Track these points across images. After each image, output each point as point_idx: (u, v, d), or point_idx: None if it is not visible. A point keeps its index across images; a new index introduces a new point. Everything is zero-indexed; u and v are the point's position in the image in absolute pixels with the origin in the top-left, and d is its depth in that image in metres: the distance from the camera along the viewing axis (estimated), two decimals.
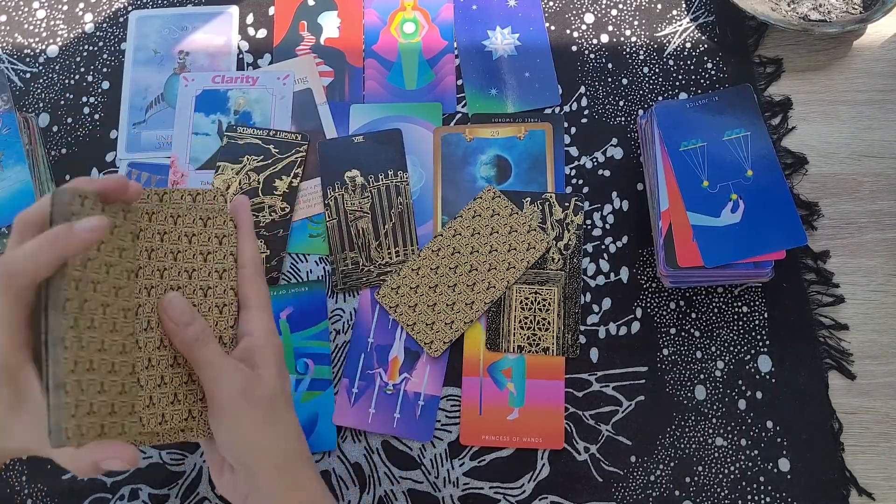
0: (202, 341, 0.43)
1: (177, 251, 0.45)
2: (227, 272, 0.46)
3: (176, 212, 0.45)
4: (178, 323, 0.43)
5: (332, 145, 0.69)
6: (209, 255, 0.46)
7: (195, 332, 0.43)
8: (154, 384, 0.43)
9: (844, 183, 0.67)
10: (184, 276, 0.45)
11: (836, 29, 0.68)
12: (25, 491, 0.60)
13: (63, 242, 0.37)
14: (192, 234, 0.46)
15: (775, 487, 0.58)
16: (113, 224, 0.42)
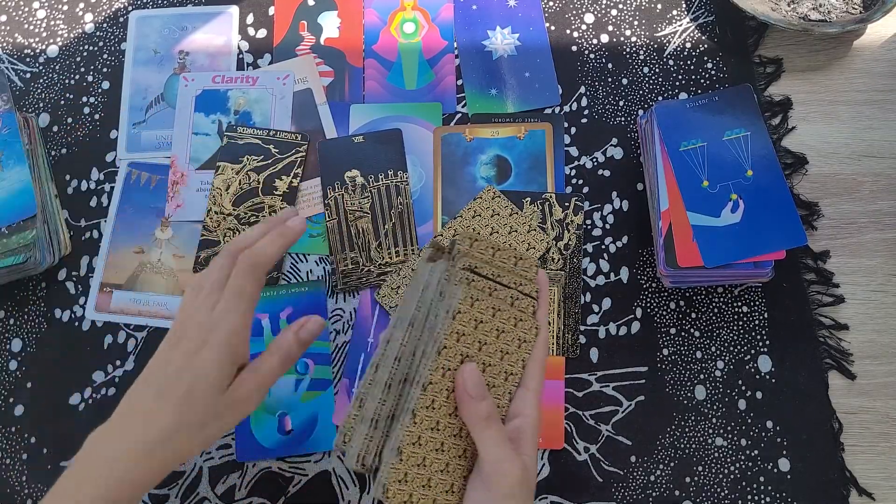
0: (491, 420, 0.44)
1: (483, 342, 0.46)
2: (512, 376, 0.46)
3: (498, 305, 0.46)
4: (473, 395, 0.44)
5: (332, 145, 0.69)
6: (506, 355, 0.46)
7: (487, 409, 0.44)
8: (414, 462, 0.44)
9: (844, 183, 0.67)
10: (479, 368, 0.46)
11: (836, 29, 0.68)
12: (25, 491, 0.60)
13: (285, 235, 0.49)
14: (502, 331, 0.46)
15: (775, 487, 0.58)
16: None
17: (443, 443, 0.45)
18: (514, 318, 0.46)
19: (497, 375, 0.45)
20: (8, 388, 0.63)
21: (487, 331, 0.45)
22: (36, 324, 0.65)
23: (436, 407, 0.44)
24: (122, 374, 0.63)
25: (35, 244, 0.63)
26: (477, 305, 0.45)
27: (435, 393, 0.44)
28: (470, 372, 0.44)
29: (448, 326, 0.45)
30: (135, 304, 0.65)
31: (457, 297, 0.45)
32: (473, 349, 0.45)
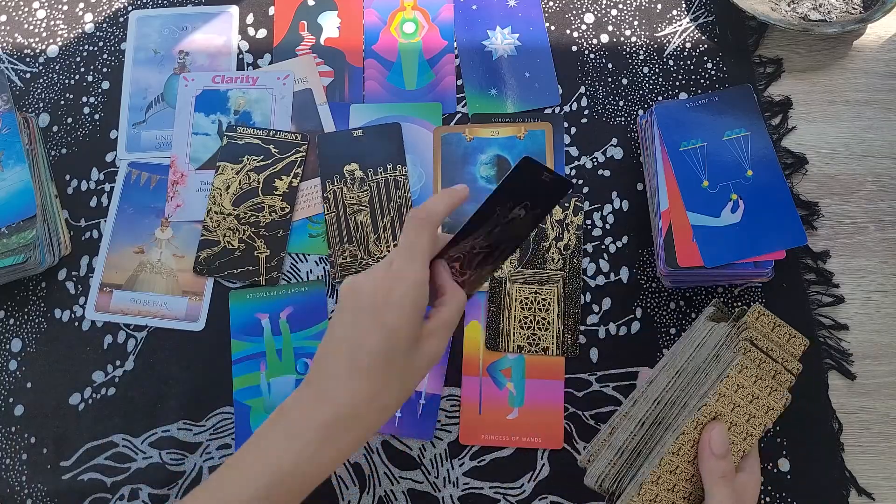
0: (726, 479, 0.46)
1: (737, 404, 0.48)
2: (750, 437, 0.48)
3: (761, 374, 0.49)
4: (717, 453, 0.46)
5: (331, 139, 0.69)
6: (752, 418, 0.49)
7: (724, 469, 0.46)
8: (648, 498, 0.46)
9: (844, 183, 0.67)
10: (725, 426, 0.48)
11: (836, 29, 0.68)
12: (25, 491, 0.60)
13: (452, 195, 0.51)
14: (756, 397, 0.49)
15: (775, 487, 0.58)
16: None
17: (675, 484, 0.47)
18: (770, 388, 0.49)
19: (738, 434, 0.48)
20: (8, 388, 0.63)
21: (744, 395, 0.48)
22: (36, 324, 0.65)
23: (680, 454, 0.47)
24: (121, 374, 0.63)
25: (35, 244, 0.63)
26: (744, 373, 0.49)
27: (683, 442, 0.47)
28: (718, 432, 0.47)
29: (715, 388, 0.48)
30: (135, 304, 0.65)
31: (731, 364, 0.49)
32: (727, 409, 0.48)
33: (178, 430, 0.61)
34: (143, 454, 0.61)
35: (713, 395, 0.48)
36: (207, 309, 0.64)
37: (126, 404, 0.62)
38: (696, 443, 0.47)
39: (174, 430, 0.61)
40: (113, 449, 0.61)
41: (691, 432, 0.47)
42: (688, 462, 0.47)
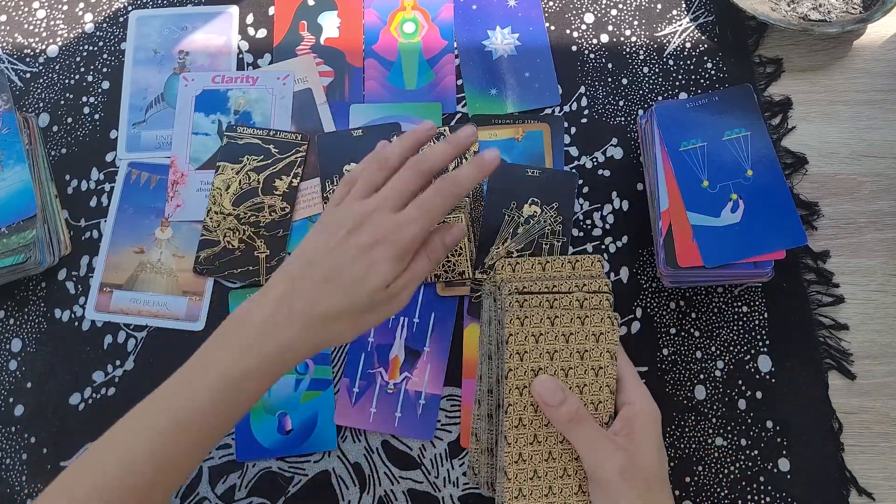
0: (576, 421, 0.45)
1: (553, 351, 0.47)
2: (603, 369, 0.48)
3: (558, 313, 0.48)
4: (551, 403, 0.45)
5: (331, 139, 0.69)
6: (586, 352, 0.48)
7: (569, 413, 0.45)
8: (525, 477, 0.46)
9: (844, 183, 0.67)
10: (559, 375, 0.47)
11: (836, 29, 0.68)
12: (25, 491, 0.60)
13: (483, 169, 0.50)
14: (571, 334, 0.48)
15: (775, 487, 0.58)
16: None
17: (550, 452, 0.47)
18: (581, 318, 0.48)
19: (585, 374, 0.47)
20: (8, 388, 0.63)
21: (553, 340, 0.47)
22: (36, 324, 0.65)
23: (526, 424, 0.46)
24: (121, 374, 0.63)
25: (35, 244, 0.63)
26: (528, 322, 0.47)
27: (519, 412, 0.46)
28: (540, 384, 0.46)
29: (505, 351, 0.47)
30: (135, 304, 0.65)
31: (507, 323, 0.48)
32: (544, 361, 0.47)
33: None
34: None
35: (512, 359, 0.47)
36: (207, 309, 0.64)
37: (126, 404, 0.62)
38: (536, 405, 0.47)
39: None
40: None
41: (519, 400, 0.46)
42: (546, 426, 0.46)
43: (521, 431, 0.46)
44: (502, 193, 0.66)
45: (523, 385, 0.46)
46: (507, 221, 0.65)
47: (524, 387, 0.46)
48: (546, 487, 0.47)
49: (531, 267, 0.50)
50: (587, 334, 0.48)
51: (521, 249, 0.64)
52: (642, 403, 0.47)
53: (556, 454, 0.47)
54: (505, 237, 0.65)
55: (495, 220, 0.65)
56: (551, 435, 0.46)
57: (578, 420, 0.45)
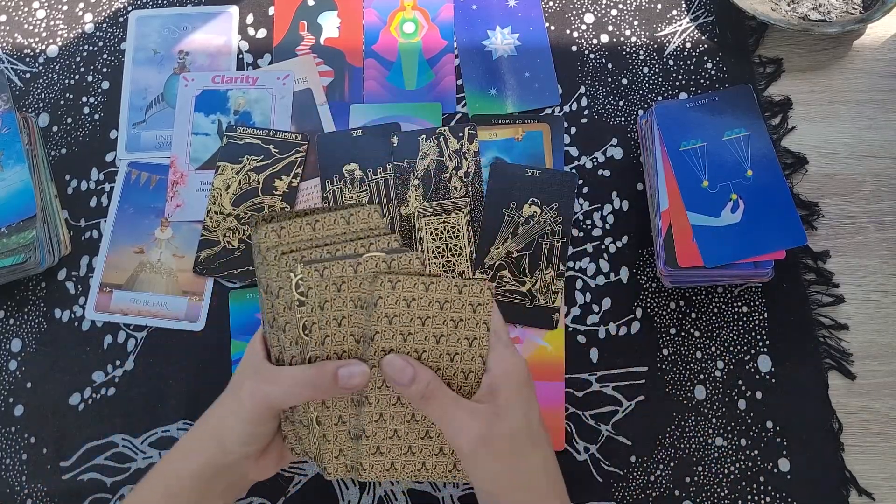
0: (428, 397, 0.45)
1: (425, 317, 0.46)
2: (477, 340, 0.47)
3: (429, 280, 0.46)
4: (400, 382, 0.45)
5: (331, 139, 0.69)
6: (460, 322, 0.47)
7: (419, 389, 0.45)
8: (384, 436, 0.46)
9: (844, 183, 0.67)
10: (430, 342, 0.46)
11: (836, 29, 0.68)
12: (25, 491, 0.60)
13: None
14: (445, 301, 0.46)
15: (775, 487, 0.58)
16: None
17: (413, 413, 0.46)
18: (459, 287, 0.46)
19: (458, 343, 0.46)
20: (8, 388, 0.63)
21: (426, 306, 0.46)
22: (36, 324, 0.65)
23: (389, 386, 0.46)
24: (121, 374, 0.63)
25: (35, 244, 0.63)
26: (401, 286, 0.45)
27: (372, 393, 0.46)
28: (388, 363, 0.45)
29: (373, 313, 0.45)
30: (135, 304, 0.65)
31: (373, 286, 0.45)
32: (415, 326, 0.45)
33: (178, 430, 0.61)
34: (143, 454, 0.61)
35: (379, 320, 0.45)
36: (207, 309, 0.64)
37: (126, 404, 0.62)
38: None
39: (174, 430, 0.61)
40: (113, 449, 0.61)
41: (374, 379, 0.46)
42: (394, 405, 0.46)
43: (384, 393, 0.46)
44: (502, 193, 0.66)
45: (390, 348, 0.45)
46: (507, 221, 0.65)
47: (391, 350, 0.45)
48: (406, 446, 0.46)
49: (299, 229, 0.47)
50: (463, 303, 0.46)
51: (520, 249, 0.64)
52: (503, 366, 0.46)
53: (420, 416, 0.46)
54: (505, 237, 0.65)
55: (495, 220, 0.65)
56: (398, 414, 0.46)
57: (430, 395, 0.45)
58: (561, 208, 0.65)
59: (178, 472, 0.47)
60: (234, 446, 0.46)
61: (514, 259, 0.64)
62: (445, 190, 0.66)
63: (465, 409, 0.45)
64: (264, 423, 0.46)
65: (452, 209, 0.65)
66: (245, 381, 0.47)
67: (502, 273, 0.64)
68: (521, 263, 0.64)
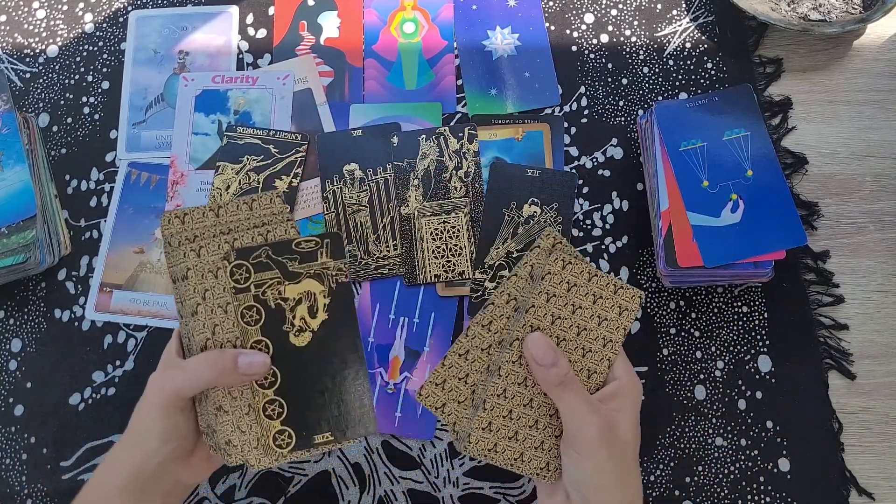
0: (565, 385, 0.46)
1: (578, 306, 0.47)
2: (612, 343, 0.48)
3: (595, 269, 0.48)
4: (541, 362, 0.46)
5: (331, 139, 0.69)
6: (604, 321, 0.48)
7: (558, 375, 0.46)
8: (499, 413, 0.46)
9: (844, 183, 0.67)
10: (573, 331, 0.47)
11: (836, 29, 0.68)
12: (25, 491, 0.60)
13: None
14: (599, 297, 0.48)
15: (775, 487, 0.58)
16: None
17: (532, 399, 0.47)
18: (615, 286, 0.48)
19: (595, 340, 0.48)
20: (8, 388, 0.63)
21: (582, 296, 0.48)
22: (36, 324, 0.65)
23: (523, 363, 0.46)
24: (121, 374, 0.63)
25: (35, 244, 0.63)
26: (568, 270, 0.48)
27: (521, 353, 0.46)
28: (532, 341, 0.46)
29: (537, 286, 0.47)
30: (135, 304, 0.65)
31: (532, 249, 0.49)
32: (566, 311, 0.47)
33: None
34: None
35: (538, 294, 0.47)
36: None
37: (126, 404, 0.62)
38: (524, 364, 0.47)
39: None
40: None
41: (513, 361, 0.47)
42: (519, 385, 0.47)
43: (515, 368, 0.47)
44: (502, 193, 0.66)
45: (538, 326, 0.47)
46: (507, 221, 0.65)
47: (538, 328, 0.47)
48: (513, 431, 0.47)
49: (203, 216, 0.47)
50: (614, 304, 0.48)
51: (520, 249, 0.64)
52: (629, 381, 0.48)
53: (536, 404, 0.47)
54: (505, 237, 0.65)
55: (495, 220, 0.65)
56: (519, 395, 0.47)
57: (567, 384, 0.46)
58: (561, 208, 0.65)
59: (107, 489, 0.47)
60: (154, 446, 0.46)
61: (514, 259, 0.64)
62: (445, 190, 0.66)
63: (592, 405, 0.46)
64: (175, 415, 0.46)
65: (452, 209, 0.65)
66: (153, 376, 0.47)
67: (502, 273, 0.64)
68: None
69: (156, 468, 0.46)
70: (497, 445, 0.47)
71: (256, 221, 0.48)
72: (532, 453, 0.47)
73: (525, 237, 0.64)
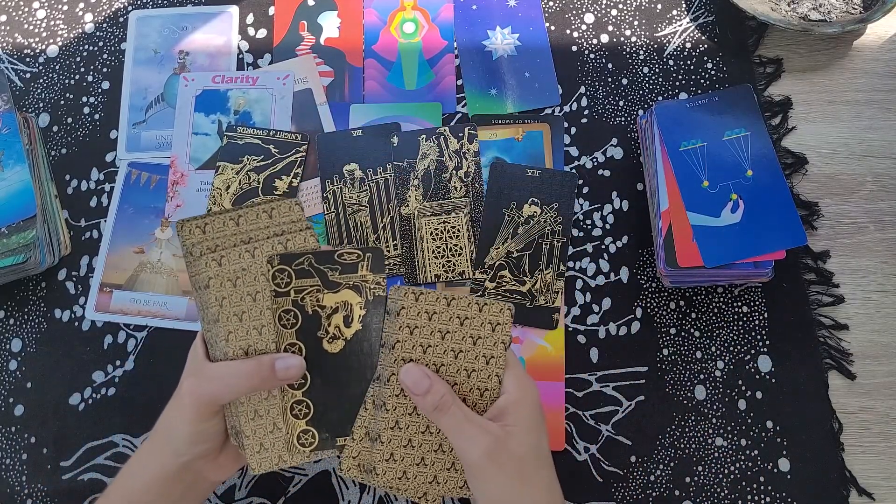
0: (442, 409, 0.46)
1: (445, 331, 0.47)
2: (494, 359, 0.48)
3: (451, 296, 0.48)
4: (416, 392, 0.46)
5: (331, 139, 0.69)
6: (479, 339, 0.48)
7: (433, 401, 0.45)
8: (399, 444, 0.47)
9: (844, 183, 0.67)
10: (449, 356, 0.47)
11: (836, 29, 0.68)
12: (25, 491, 0.60)
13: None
14: (465, 318, 0.48)
15: (775, 487, 0.58)
16: None
17: (428, 425, 0.47)
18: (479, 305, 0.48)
19: (476, 360, 0.47)
20: (8, 388, 0.63)
21: (447, 321, 0.47)
22: (36, 324, 0.65)
23: (407, 395, 0.47)
24: (121, 374, 0.63)
25: (35, 244, 0.63)
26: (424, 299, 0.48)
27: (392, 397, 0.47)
28: (405, 372, 0.46)
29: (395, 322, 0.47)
30: (135, 304, 0.65)
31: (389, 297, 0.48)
32: (434, 339, 0.47)
33: None
34: None
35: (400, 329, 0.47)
36: None
37: (126, 404, 0.62)
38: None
39: None
40: (113, 449, 0.61)
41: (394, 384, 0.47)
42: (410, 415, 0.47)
43: (402, 401, 0.47)
44: (502, 193, 0.66)
45: (410, 358, 0.47)
46: (507, 221, 0.65)
47: (410, 360, 0.47)
48: (419, 457, 0.47)
49: (223, 225, 0.48)
50: (483, 321, 0.47)
51: (521, 249, 0.64)
52: (518, 393, 0.47)
53: (434, 429, 0.47)
54: (505, 237, 0.65)
55: (495, 220, 0.65)
56: (414, 424, 0.47)
57: (443, 407, 0.45)
58: (561, 208, 0.65)
59: (134, 486, 0.48)
60: (184, 447, 0.47)
61: (514, 259, 0.64)
62: (445, 190, 0.66)
63: (476, 425, 0.45)
64: (207, 420, 0.46)
65: (452, 209, 0.65)
66: (185, 382, 0.48)
67: (502, 273, 0.64)
68: (521, 263, 0.64)
69: (184, 465, 0.47)
70: (407, 472, 0.47)
71: (276, 230, 0.49)
72: (446, 475, 0.48)
73: (525, 237, 0.65)
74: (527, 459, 0.45)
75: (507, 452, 0.45)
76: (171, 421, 0.48)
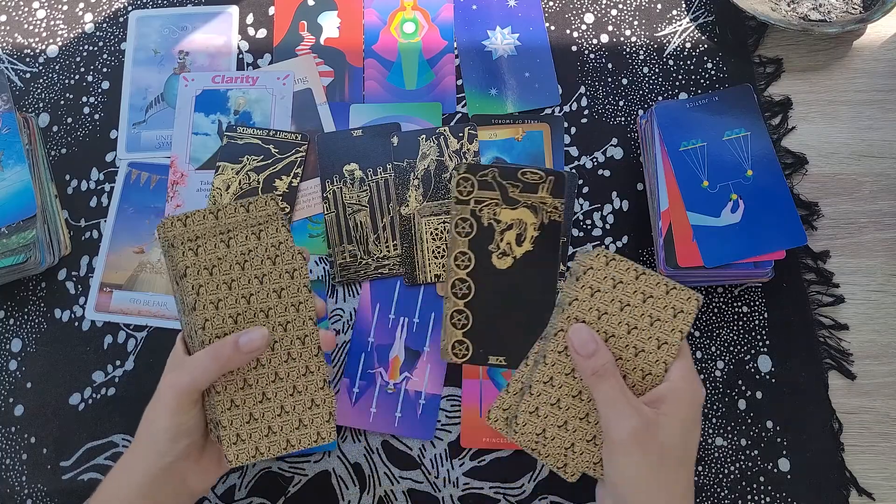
0: (601, 375, 0.45)
1: (626, 303, 0.47)
2: (667, 345, 0.47)
3: (643, 269, 0.48)
4: (580, 352, 0.46)
5: (331, 139, 0.69)
6: (657, 321, 0.47)
7: (595, 365, 0.45)
8: (546, 400, 0.47)
9: (844, 183, 0.67)
10: (622, 328, 0.47)
11: (836, 29, 0.68)
12: (25, 491, 0.60)
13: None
14: (649, 296, 0.47)
15: (775, 487, 0.58)
16: None
17: (581, 391, 0.47)
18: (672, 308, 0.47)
19: (647, 341, 0.47)
20: (8, 388, 0.63)
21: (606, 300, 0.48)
22: (36, 324, 0.65)
23: (569, 355, 0.47)
24: (121, 374, 0.63)
25: (35, 244, 0.63)
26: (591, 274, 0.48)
27: (565, 343, 0.47)
28: (574, 330, 0.46)
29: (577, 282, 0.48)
30: (135, 304, 0.65)
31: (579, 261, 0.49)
32: (613, 308, 0.47)
33: None
34: None
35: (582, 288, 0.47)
36: None
37: (126, 404, 0.62)
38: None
39: None
40: (113, 449, 0.61)
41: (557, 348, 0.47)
42: (566, 375, 0.47)
43: (562, 359, 0.47)
44: None
45: (583, 319, 0.47)
46: None
47: (583, 321, 0.47)
48: (562, 419, 0.47)
49: (203, 218, 0.49)
50: (667, 305, 0.47)
51: None
52: (681, 383, 0.46)
53: (586, 397, 0.47)
54: None
55: None
56: (566, 385, 0.47)
57: (602, 374, 0.45)
58: None
59: (121, 489, 0.48)
60: (166, 445, 0.47)
61: None
62: (445, 190, 0.66)
63: (630, 402, 0.44)
64: (187, 412, 0.47)
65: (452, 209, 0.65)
66: (163, 379, 0.49)
67: None
68: None
69: (167, 468, 0.47)
70: (546, 431, 0.47)
71: (252, 222, 0.50)
72: (583, 445, 0.47)
73: None
74: (672, 453, 0.44)
75: (654, 439, 0.44)
76: (152, 418, 0.48)
